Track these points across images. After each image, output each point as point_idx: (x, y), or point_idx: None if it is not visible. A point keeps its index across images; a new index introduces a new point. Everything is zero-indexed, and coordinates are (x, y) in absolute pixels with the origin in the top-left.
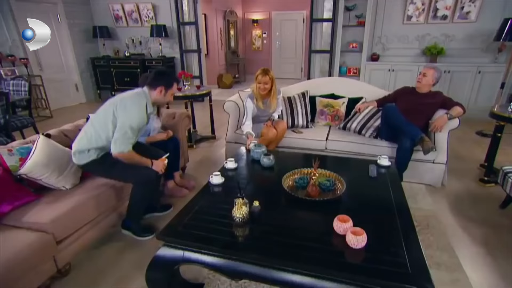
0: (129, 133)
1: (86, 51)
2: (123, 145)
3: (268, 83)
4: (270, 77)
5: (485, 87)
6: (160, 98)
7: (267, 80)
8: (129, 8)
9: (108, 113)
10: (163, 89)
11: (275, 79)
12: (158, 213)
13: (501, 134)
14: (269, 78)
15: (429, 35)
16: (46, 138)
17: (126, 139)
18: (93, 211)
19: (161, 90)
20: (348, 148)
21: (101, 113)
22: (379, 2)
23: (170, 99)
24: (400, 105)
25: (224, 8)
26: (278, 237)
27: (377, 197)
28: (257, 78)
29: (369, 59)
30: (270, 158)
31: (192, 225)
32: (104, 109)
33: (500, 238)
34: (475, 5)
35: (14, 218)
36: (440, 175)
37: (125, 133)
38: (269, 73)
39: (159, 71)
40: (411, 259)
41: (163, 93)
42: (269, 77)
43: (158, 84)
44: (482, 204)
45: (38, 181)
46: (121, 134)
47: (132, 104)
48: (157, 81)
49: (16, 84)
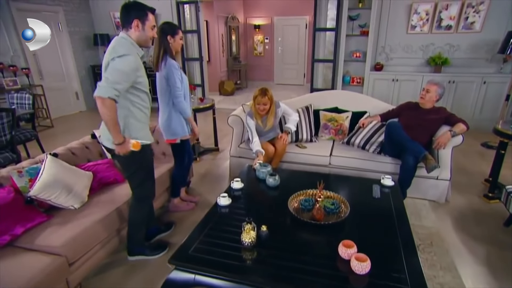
0: (116, 76)
1: (86, 58)
2: (105, 88)
3: (267, 103)
4: (269, 97)
5: (490, 98)
6: (140, 35)
7: (266, 100)
8: None
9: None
10: (138, 22)
11: (273, 98)
12: (163, 233)
13: (504, 151)
14: (267, 99)
15: (433, 45)
16: (54, 158)
17: (111, 83)
18: (103, 231)
19: (137, 25)
20: (352, 164)
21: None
22: (382, 12)
23: (151, 33)
24: (403, 121)
25: (226, 13)
26: (285, 261)
27: (381, 220)
28: (256, 98)
29: (372, 68)
30: (276, 178)
31: (202, 249)
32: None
33: (503, 257)
34: (479, 15)
35: (27, 241)
36: (444, 191)
37: (112, 74)
38: (268, 94)
39: (124, 5)
40: (413, 285)
41: (140, 27)
42: (267, 97)
43: (130, 19)
44: (486, 221)
45: (47, 202)
46: (109, 75)
47: (119, 46)
48: (127, 17)
49: (20, 97)
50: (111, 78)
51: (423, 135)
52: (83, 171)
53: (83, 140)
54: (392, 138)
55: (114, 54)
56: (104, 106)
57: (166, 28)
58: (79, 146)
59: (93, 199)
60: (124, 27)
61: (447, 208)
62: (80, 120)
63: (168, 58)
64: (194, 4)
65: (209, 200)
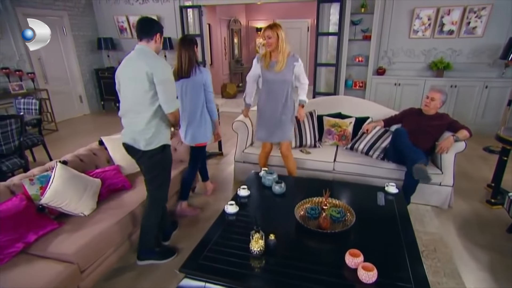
0: (171, 86)
1: (90, 62)
2: (174, 101)
3: (271, 37)
4: (275, 31)
5: (492, 102)
6: (157, 47)
7: (270, 33)
8: (134, 20)
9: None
10: (159, 36)
11: (283, 37)
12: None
13: (507, 157)
14: (272, 32)
15: (435, 50)
16: (63, 165)
17: (173, 94)
18: (114, 238)
19: (158, 38)
20: (356, 170)
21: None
22: (385, 16)
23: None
24: (406, 126)
25: (228, 17)
26: (292, 270)
27: (386, 228)
28: (263, 32)
29: (375, 73)
30: (282, 186)
31: (211, 257)
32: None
33: (506, 263)
34: (481, 20)
35: (39, 248)
36: (447, 197)
37: (170, 87)
38: (275, 27)
39: (146, 19)
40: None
41: (159, 40)
42: (273, 31)
43: (153, 32)
44: (488, 227)
45: (58, 209)
46: (169, 89)
47: (155, 57)
48: (150, 30)
49: (26, 102)
50: (172, 89)
51: (426, 141)
52: (91, 178)
53: (91, 146)
54: (396, 145)
55: (153, 66)
56: (176, 115)
57: (194, 40)
58: (87, 153)
59: (102, 206)
60: (145, 39)
61: (450, 214)
62: (84, 124)
63: (200, 65)
64: (197, 8)
65: (214, 205)
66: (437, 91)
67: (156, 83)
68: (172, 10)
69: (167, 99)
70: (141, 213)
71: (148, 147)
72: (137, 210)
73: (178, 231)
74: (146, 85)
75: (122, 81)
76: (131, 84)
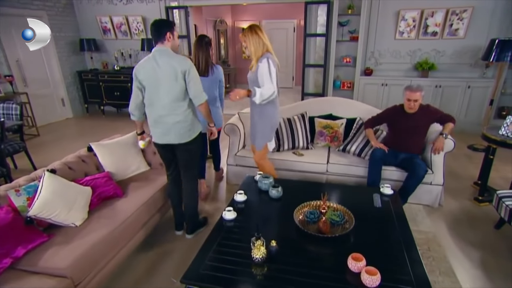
0: (199, 81)
1: (72, 64)
2: (202, 93)
3: (244, 41)
4: (243, 35)
5: (474, 101)
6: (173, 44)
7: (242, 39)
8: (118, 20)
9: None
10: (170, 34)
11: (250, 40)
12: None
13: (493, 156)
14: (242, 37)
15: (420, 51)
16: (52, 174)
17: (201, 87)
18: (109, 249)
19: (169, 36)
20: (349, 171)
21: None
22: (371, 18)
23: (178, 41)
24: (394, 129)
25: (214, 17)
26: (296, 276)
27: (384, 230)
28: None
29: (362, 73)
30: (279, 190)
31: (212, 266)
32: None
33: (497, 260)
34: (463, 22)
35: (29, 263)
36: (437, 196)
37: (198, 82)
38: (244, 32)
39: (154, 24)
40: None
41: (171, 37)
42: (242, 35)
43: (163, 33)
44: (478, 224)
45: (47, 220)
46: (198, 83)
47: (178, 56)
48: (160, 32)
49: (6, 107)
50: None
51: (417, 141)
52: (82, 186)
53: (79, 153)
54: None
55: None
56: (205, 106)
57: (210, 41)
58: (75, 160)
59: (93, 215)
60: (159, 41)
61: (441, 213)
62: (67, 128)
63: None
64: (183, 9)
65: (208, 210)
66: (416, 90)
67: (187, 79)
68: (157, 10)
69: (197, 92)
70: (137, 220)
71: (188, 138)
72: (132, 218)
73: (171, 236)
74: (182, 83)
75: (151, 82)
76: (166, 83)
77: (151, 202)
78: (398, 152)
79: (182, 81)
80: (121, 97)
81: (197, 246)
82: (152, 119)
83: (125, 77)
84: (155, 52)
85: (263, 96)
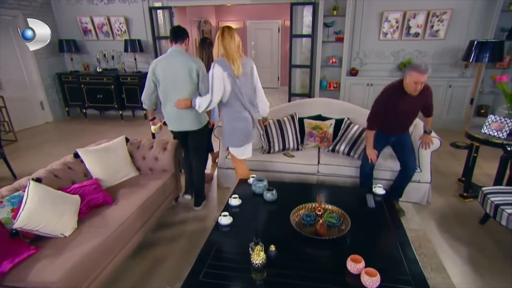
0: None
1: (51, 66)
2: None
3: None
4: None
5: (455, 100)
6: (187, 48)
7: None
8: (99, 21)
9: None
10: (188, 39)
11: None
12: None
13: (477, 154)
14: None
15: (403, 51)
16: (37, 183)
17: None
18: (102, 259)
19: (187, 41)
20: (339, 171)
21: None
22: (356, 19)
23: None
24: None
25: (198, 18)
26: (297, 280)
27: (379, 230)
28: None
29: (348, 73)
30: (273, 193)
31: (212, 274)
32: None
33: (484, 255)
34: (443, 24)
35: (17, 278)
36: (425, 193)
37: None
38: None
39: (179, 28)
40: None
41: (187, 42)
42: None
43: (184, 37)
44: (464, 220)
45: (34, 232)
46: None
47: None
48: (182, 35)
49: None
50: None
51: (411, 123)
52: (69, 195)
53: (65, 160)
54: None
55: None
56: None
57: (211, 42)
58: (61, 167)
59: (83, 224)
60: (178, 42)
61: (429, 210)
62: (47, 132)
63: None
64: (167, 9)
65: (200, 214)
66: (425, 71)
67: (200, 77)
68: (140, 11)
69: (206, 89)
70: (129, 228)
71: (200, 125)
72: (124, 226)
73: (164, 242)
74: (195, 79)
75: (167, 77)
76: (182, 79)
77: (143, 208)
78: (389, 137)
79: (196, 78)
80: (104, 99)
81: (191, 251)
82: (167, 111)
83: (108, 79)
84: (172, 51)
85: (200, 106)
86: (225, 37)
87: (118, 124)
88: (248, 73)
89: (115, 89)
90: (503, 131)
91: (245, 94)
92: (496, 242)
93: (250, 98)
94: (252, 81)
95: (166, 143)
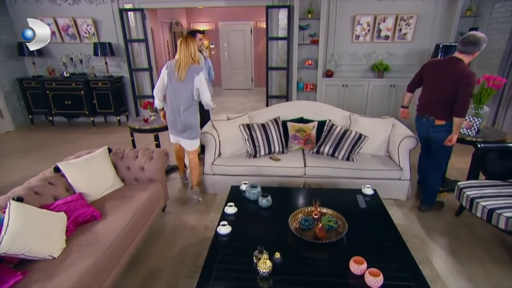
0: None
1: (10, 70)
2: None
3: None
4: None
5: None
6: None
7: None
8: (64, 22)
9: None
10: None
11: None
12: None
13: None
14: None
15: (375, 53)
16: (18, 203)
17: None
18: (98, 278)
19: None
20: (325, 173)
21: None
22: (330, 22)
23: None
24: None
25: (170, 19)
26: (302, 286)
27: (373, 230)
28: None
29: (324, 75)
30: (268, 199)
31: (220, 285)
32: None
33: (462, 246)
34: (410, 28)
35: None
36: (405, 190)
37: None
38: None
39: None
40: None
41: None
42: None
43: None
44: (441, 213)
45: (19, 256)
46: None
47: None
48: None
49: None
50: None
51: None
52: (54, 212)
53: (44, 175)
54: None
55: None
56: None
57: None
58: (41, 183)
59: (72, 243)
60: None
61: (409, 205)
62: (9, 143)
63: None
64: (139, 11)
65: (190, 223)
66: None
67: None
68: (109, 13)
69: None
70: (122, 243)
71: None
72: (117, 241)
73: (157, 253)
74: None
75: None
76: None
77: (134, 221)
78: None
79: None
80: (73, 106)
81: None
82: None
83: (77, 84)
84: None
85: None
86: (181, 46)
87: (89, 131)
88: (189, 80)
89: (85, 95)
90: (472, 129)
91: (174, 95)
92: (471, 232)
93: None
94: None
95: (152, 152)
